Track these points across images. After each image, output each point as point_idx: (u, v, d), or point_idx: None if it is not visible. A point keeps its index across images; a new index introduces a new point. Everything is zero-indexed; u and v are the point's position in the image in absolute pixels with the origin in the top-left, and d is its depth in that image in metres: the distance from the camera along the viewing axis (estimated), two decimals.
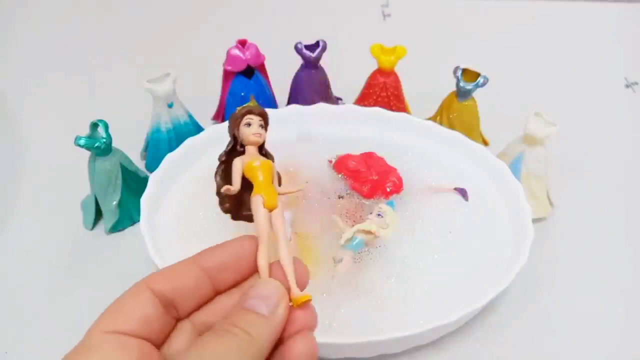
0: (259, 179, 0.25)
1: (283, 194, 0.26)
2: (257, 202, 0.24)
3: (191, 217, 0.40)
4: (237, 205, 0.27)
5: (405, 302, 0.35)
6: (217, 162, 0.28)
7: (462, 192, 0.41)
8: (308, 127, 0.45)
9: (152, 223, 0.38)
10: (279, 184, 0.28)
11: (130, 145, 0.45)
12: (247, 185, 0.26)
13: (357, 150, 0.45)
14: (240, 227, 0.27)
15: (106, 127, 0.40)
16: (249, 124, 0.26)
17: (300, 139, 0.44)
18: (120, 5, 0.74)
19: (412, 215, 0.40)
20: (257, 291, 0.21)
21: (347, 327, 0.33)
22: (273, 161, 0.27)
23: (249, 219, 0.26)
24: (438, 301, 0.35)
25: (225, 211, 0.27)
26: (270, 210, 0.24)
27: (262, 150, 0.27)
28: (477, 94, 0.47)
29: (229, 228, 0.39)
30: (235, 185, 0.25)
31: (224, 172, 0.27)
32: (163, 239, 0.38)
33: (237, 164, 0.26)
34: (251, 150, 0.27)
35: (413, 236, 0.39)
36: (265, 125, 0.27)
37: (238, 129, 0.27)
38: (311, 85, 0.50)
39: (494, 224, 0.40)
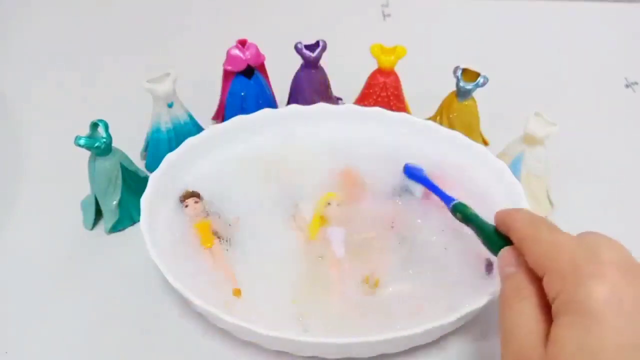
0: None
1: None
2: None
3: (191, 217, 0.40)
4: None
5: (405, 302, 0.35)
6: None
7: (488, 269, 0.38)
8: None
9: (152, 223, 0.38)
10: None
11: (130, 145, 0.45)
12: None
13: (357, 150, 0.45)
14: None
15: (106, 127, 0.40)
16: (187, 206, 0.41)
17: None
18: (120, 5, 0.74)
19: (412, 214, 0.41)
20: None
21: (347, 327, 0.33)
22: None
23: None
24: (438, 301, 0.35)
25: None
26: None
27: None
28: (477, 94, 0.47)
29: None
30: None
31: None
32: (163, 239, 0.38)
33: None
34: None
35: (412, 236, 0.39)
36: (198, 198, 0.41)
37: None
38: (311, 85, 0.50)
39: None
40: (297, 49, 0.48)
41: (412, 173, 0.43)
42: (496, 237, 0.32)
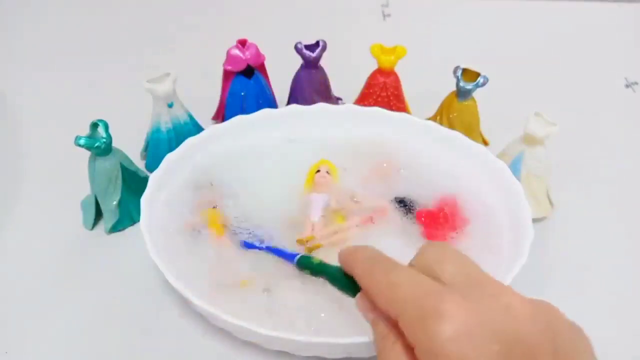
0: None
1: None
2: None
3: (191, 217, 0.40)
4: None
5: None
6: None
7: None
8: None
9: (152, 223, 0.38)
10: None
11: (130, 145, 0.45)
12: None
13: (357, 150, 0.45)
14: None
15: (106, 127, 0.40)
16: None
17: None
18: (121, 5, 0.74)
19: (412, 215, 0.41)
20: None
21: (346, 327, 0.33)
22: None
23: None
24: None
25: None
26: None
27: None
28: (477, 94, 0.47)
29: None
30: None
31: None
32: (163, 239, 0.38)
33: None
34: None
35: (412, 237, 0.39)
36: None
37: None
38: (311, 85, 0.50)
39: (494, 224, 0.40)
40: (297, 49, 0.48)
41: (249, 245, 0.39)
42: (347, 282, 0.29)
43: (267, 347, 0.34)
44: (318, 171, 0.43)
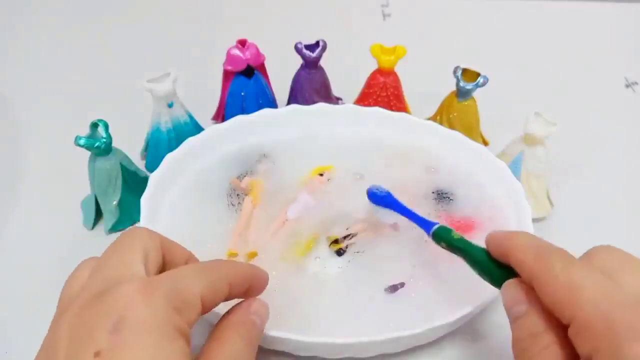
0: None
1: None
2: None
3: (191, 217, 0.40)
4: None
5: (405, 302, 0.35)
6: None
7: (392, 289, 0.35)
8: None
9: (152, 223, 0.38)
10: None
11: (130, 145, 0.45)
12: None
13: (356, 150, 0.45)
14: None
15: (106, 127, 0.40)
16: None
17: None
18: (120, 5, 0.74)
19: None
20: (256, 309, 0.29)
21: (346, 327, 0.33)
22: None
23: None
24: (438, 301, 0.35)
25: None
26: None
27: None
28: (477, 94, 0.47)
29: (228, 228, 0.39)
30: None
31: None
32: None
33: None
34: None
35: (412, 237, 0.39)
36: None
37: None
38: (311, 85, 0.50)
39: (494, 224, 0.40)
40: (297, 49, 0.48)
41: (379, 198, 0.38)
42: (494, 267, 0.27)
43: (267, 347, 0.34)
44: (321, 174, 0.43)
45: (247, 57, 0.48)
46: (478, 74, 0.46)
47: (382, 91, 0.50)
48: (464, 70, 0.46)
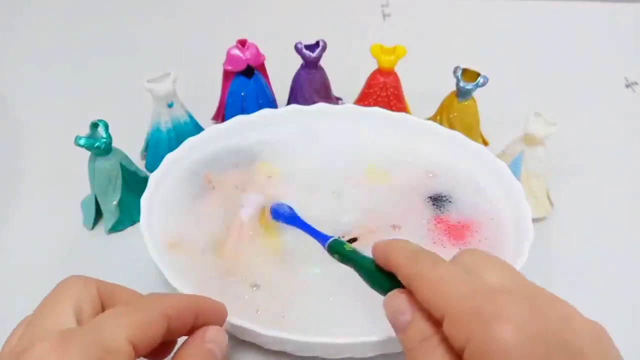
0: None
1: None
2: None
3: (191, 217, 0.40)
4: None
5: None
6: None
7: None
8: None
9: (152, 223, 0.38)
10: None
11: (130, 145, 0.45)
12: None
13: (357, 150, 0.45)
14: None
15: (106, 127, 0.40)
16: None
17: None
18: (120, 4, 0.74)
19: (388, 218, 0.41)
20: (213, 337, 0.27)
21: (346, 327, 0.33)
22: None
23: None
24: None
25: None
26: None
27: None
28: (477, 94, 0.47)
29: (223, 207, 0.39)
30: None
31: None
32: (163, 239, 0.38)
33: None
34: None
35: (412, 235, 0.39)
36: None
37: None
38: (311, 85, 0.50)
39: (494, 224, 0.40)
40: (297, 49, 0.48)
41: (279, 214, 0.39)
42: (381, 276, 0.27)
43: (267, 347, 0.34)
44: (269, 177, 0.43)
45: (247, 57, 0.48)
46: (478, 74, 0.46)
47: (382, 91, 0.50)
48: (464, 70, 0.46)
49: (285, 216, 0.38)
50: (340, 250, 0.31)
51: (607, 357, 0.22)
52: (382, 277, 0.27)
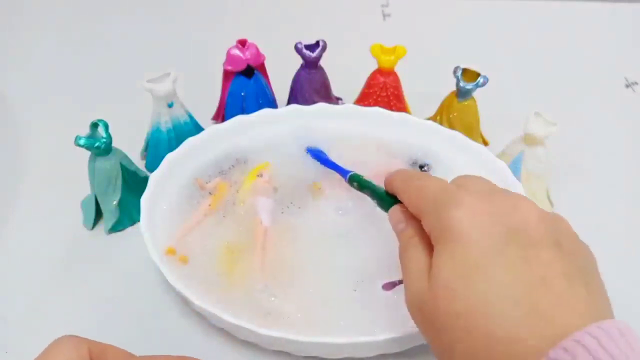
0: None
1: None
2: None
3: (191, 217, 0.40)
4: None
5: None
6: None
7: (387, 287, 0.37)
8: None
9: (152, 223, 0.38)
10: None
11: (130, 145, 0.45)
12: None
13: (356, 150, 0.45)
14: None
15: (106, 127, 0.40)
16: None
17: None
18: (120, 4, 0.74)
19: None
20: None
21: (346, 327, 0.33)
22: None
23: None
24: None
25: None
26: None
27: None
28: (477, 94, 0.47)
29: (228, 227, 0.39)
30: None
31: None
32: (163, 239, 0.38)
33: None
34: None
35: None
36: None
37: None
38: (311, 85, 0.50)
39: None
40: (297, 49, 0.48)
41: (315, 154, 0.44)
42: (386, 198, 0.33)
43: (267, 347, 0.34)
44: (260, 176, 0.43)
45: (247, 57, 0.48)
46: (478, 74, 0.46)
47: (382, 91, 0.50)
48: (464, 70, 0.46)
49: (319, 155, 0.44)
50: (359, 180, 0.38)
51: (560, 241, 0.24)
52: (389, 199, 0.33)
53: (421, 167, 0.44)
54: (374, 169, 0.42)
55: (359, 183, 0.38)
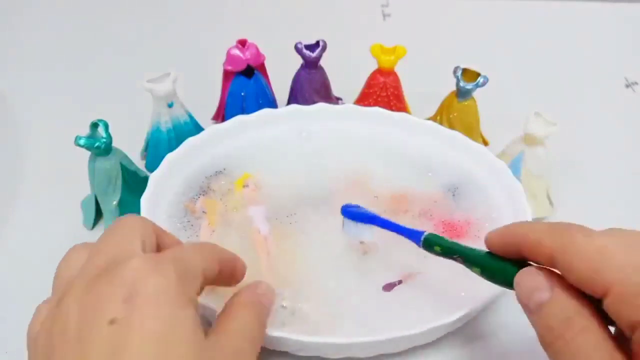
0: None
1: None
2: None
3: (190, 217, 0.40)
4: None
5: (405, 302, 0.35)
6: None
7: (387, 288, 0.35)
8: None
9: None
10: None
11: (130, 145, 0.45)
12: None
13: (356, 149, 0.45)
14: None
15: (106, 127, 0.40)
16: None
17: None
18: (120, 4, 0.74)
19: (412, 215, 0.41)
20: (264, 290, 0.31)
21: (346, 327, 0.33)
22: None
23: None
24: (438, 301, 0.35)
25: None
26: None
27: None
28: (477, 94, 0.47)
29: (228, 228, 0.39)
30: None
31: None
32: None
33: None
34: None
35: None
36: None
37: None
38: (311, 85, 0.50)
39: (494, 224, 0.40)
40: (297, 49, 0.48)
41: (356, 214, 0.36)
42: (497, 263, 0.26)
43: (267, 347, 0.34)
44: (245, 186, 0.43)
45: (247, 57, 0.48)
46: (478, 74, 0.46)
47: (382, 91, 0.50)
48: (464, 70, 0.46)
49: (365, 216, 0.35)
50: (442, 243, 0.30)
51: None
52: (499, 264, 0.26)
53: (439, 195, 0.41)
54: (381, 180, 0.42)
55: (442, 247, 0.30)
